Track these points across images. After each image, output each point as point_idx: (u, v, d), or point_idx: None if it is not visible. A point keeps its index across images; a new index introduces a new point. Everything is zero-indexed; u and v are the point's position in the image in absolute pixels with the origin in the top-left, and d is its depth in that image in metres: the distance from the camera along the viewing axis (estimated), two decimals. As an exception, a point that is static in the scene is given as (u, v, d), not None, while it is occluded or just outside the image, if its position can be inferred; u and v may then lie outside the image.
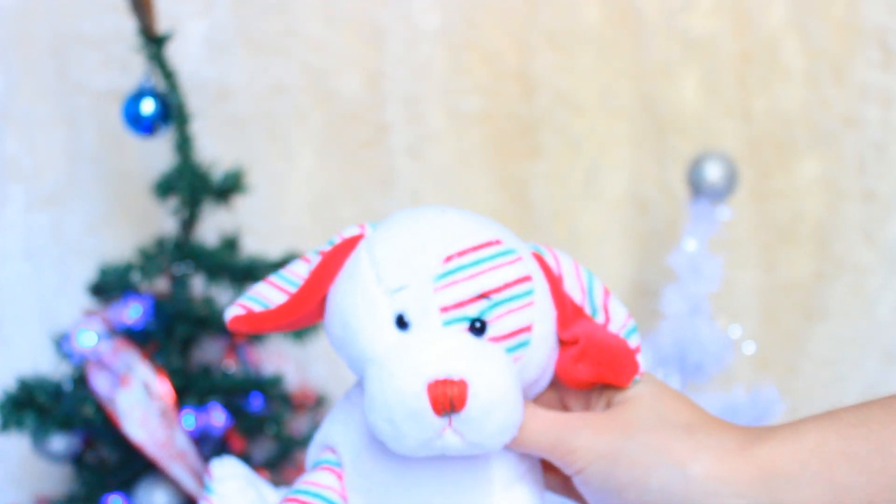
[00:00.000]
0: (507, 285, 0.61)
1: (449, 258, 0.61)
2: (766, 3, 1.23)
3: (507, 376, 0.60)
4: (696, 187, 1.12)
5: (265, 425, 1.08)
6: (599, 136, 1.24)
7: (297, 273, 0.65)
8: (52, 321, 1.18)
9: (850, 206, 1.23)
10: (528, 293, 0.62)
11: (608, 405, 0.64)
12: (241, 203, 1.15)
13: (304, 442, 1.10)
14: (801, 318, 1.25)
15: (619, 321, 0.65)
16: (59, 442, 1.05)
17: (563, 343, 0.64)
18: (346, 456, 0.65)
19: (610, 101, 1.24)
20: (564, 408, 0.68)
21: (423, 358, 0.59)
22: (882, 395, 0.62)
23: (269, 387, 1.07)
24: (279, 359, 1.13)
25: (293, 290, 0.65)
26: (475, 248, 0.62)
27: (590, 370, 0.63)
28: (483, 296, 0.61)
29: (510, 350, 0.61)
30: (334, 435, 0.66)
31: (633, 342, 0.64)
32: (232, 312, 0.65)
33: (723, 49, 1.23)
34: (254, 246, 1.17)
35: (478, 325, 0.61)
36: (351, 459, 0.64)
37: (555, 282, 0.64)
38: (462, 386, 0.58)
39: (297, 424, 1.12)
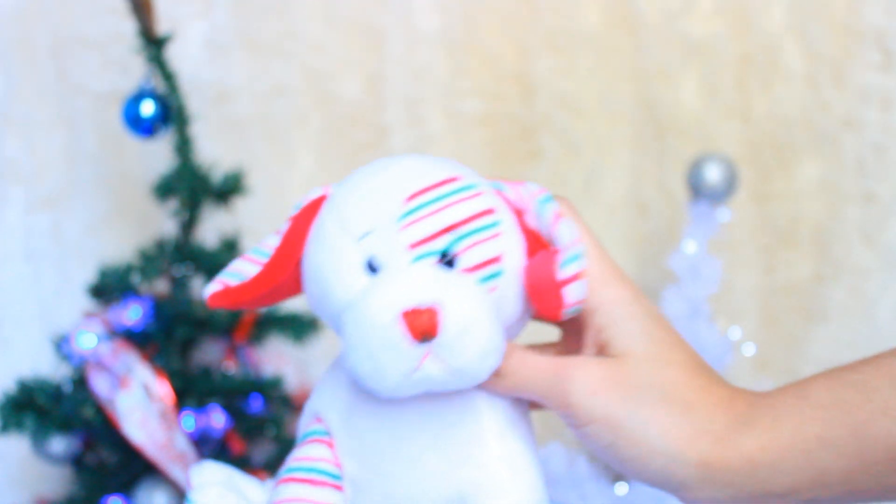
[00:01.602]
0: (472, 217, 0.62)
1: (411, 197, 0.62)
2: (765, 6, 1.23)
3: (479, 300, 0.60)
4: (696, 189, 1.12)
5: (265, 427, 1.08)
6: (599, 138, 1.24)
7: (270, 245, 0.66)
8: (51, 323, 1.18)
9: (849, 208, 1.23)
10: (494, 224, 0.62)
11: (600, 352, 0.64)
12: (240, 205, 1.15)
13: (303, 444, 1.10)
14: (801, 319, 1.25)
15: (563, 249, 0.63)
16: (59, 443, 1.05)
17: None
18: (334, 422, 0.65)
19: (610, 104, 1.24)
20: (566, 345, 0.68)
21: (392, 290, 0.59)
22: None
23: (269, 388, 1.07)
24: (279, 360, 1.13)
25: (267, 261, 0.66)
26: (435, 185, 0.62)
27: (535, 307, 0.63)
28: (449, 229, 0.61)
29: (483, 280, 0.61)
30: (322, 403, 0.66)
31: (567, 271, 0.62)
32: (210, 289, 0.65)
33: (722, 51, 1.23)
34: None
35: (447, 258, 0.61)
36: (341, 423, 0.64)
37: (517, 214, 0.64)
38: (432, 312, 0.58)
39: (296, 426, 1.12)
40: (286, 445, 1.09)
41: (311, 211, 0.65)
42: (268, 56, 1.22)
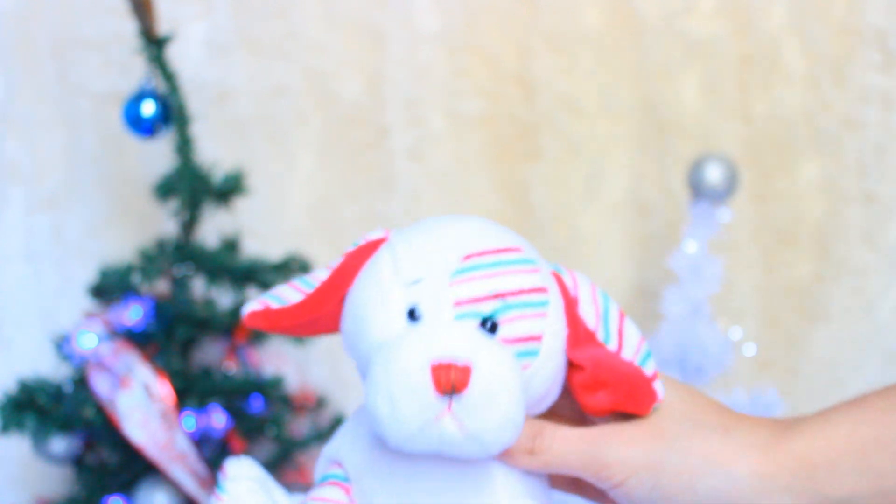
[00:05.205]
0: (523, 291, 0.61)
1: (468, 256, 0.61)
2: (766, 6, 1.23)
3: (512, 372, 0.59)
4: (697, 189, 1.12)
5: (265, 427, 1.08)
6: (600, 138, 1.24)
7: (318, 277, 0.66)
8: (52, 323, 1.18)
9: (850, 208, 1.23)
10: (543, 304, 0.62)
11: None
12: (241, 205, 1.15)
13: (304, 443, 1.10)
14: (802, 319, 1.25)
15: (632, 346, 0.64)
16: (60, 444, 1.05)
17: (571, 365, 0.64)
18: (352, 471, 0.64)
19: (610, 104, 1.24)
20: (586, 423, 0.67)
21: (430, 340, 0.58)
22: None
23: (270, 388, 1.07)
24: (279, 360, 1.13)
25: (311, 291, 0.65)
26: (495, 251, 0.62)
27: (609, 399, 0.63)
28: (498, 296, 0.60)
29: (519, 356, 0.61)
30: (342, 450, 0.65)
31: (648, 369, 0.64)
32: (250, 307, 0.65)
33: (723, 51, 1.23)
34: (254, 248, 1.17)
35: (489, 324, 0.60)
36: (355, 477, 0.64)
37: (570, 302, 0.64)
38: (466, 370, 0.57)
39: (297, 426, 1.12)
40: (287, 445, 1.09)
41: (366, 250, 0.64)
42: (268, 56, 1.22)
